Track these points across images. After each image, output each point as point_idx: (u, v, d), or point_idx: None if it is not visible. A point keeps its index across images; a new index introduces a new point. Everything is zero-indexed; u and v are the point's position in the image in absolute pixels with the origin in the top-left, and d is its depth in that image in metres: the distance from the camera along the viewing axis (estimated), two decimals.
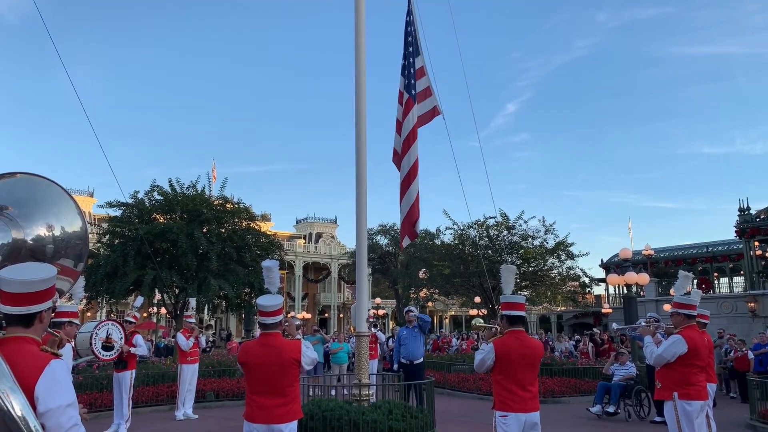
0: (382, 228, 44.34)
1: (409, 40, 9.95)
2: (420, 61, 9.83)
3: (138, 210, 19.08)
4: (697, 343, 5.97)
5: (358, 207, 10.04)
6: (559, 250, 26.04)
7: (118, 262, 17.58)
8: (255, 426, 4.88)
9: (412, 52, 9.84)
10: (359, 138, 10.06)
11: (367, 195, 10.10)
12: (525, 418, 5.05)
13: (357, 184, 10.07)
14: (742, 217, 31.92)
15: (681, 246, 42.30)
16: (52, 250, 3.15)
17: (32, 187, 3.28)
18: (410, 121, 9.67)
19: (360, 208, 10.00)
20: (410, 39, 9.93)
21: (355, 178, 10.09)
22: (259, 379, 4.93)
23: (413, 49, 9.87)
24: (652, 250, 36.05)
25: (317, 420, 8.51)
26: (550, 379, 15.03)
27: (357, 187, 10.07)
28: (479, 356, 5.29)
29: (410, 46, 9.93)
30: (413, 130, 9.59)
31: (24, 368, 2.43)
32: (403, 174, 9.74)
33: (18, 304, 2.58)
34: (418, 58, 9.87)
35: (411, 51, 9.85)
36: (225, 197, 20.38)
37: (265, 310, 5.01)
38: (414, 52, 9.86)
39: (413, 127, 9.60)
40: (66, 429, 2.42)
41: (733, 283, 40.98)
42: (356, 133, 10.11)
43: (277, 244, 22.44)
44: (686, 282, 6.49)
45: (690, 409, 5.89)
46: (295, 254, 54.96)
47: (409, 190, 9.66)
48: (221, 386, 14.13)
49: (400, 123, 9.80)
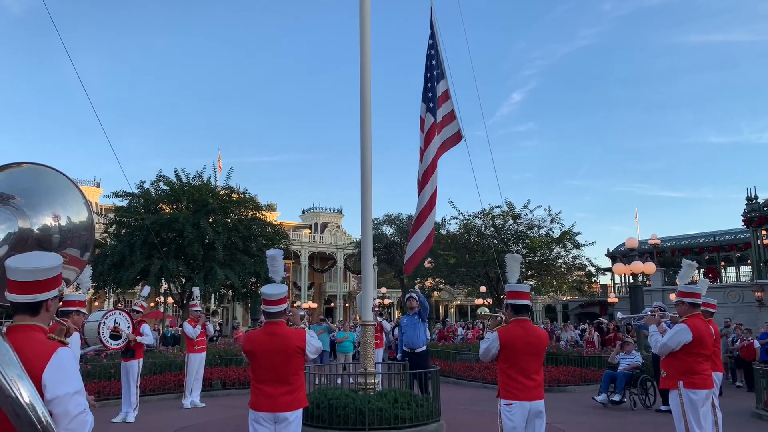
0: (388, 218, 44.37)
1: (433, 64, 9.62)
2: (444, 84, 9.46)
3: (144, 200, 19.14)
4: (702, 332, 5.96)
5: (363, 197, 10.04)
6: (565, 240, 25.98)
7: (125, 251, 17.66)
8: (260, 414, 4.92)
9: (435, 76, 9.49)
10: (364, 128, 10.04)
11: (373, 185, 10.10)
12: (530, 407, 5.07)
13: (362, 174, 10.06)
14: (749, 206, 31.72)
15: (688, 235, 42.10)
16: (59, 239, 3.17)
17: (38, 176, 3.29)
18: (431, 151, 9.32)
19: (365, 198, 10.00)
20: (433, 62, 9.58)
21: (361, 168, 10.07)
22: (264, 368, 4.96)
23: (437, 73, 9.51)
24: (658, 240, 35.93)
25: (323, 408, 8.57)
26: (555, 368, 15.05)
27: (362, 177, 10.06)
28: (484, 345, 5.30)
29: (433, 70, 9.60)
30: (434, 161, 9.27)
31: (31, 356, 2.45)
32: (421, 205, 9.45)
33: (24, 292, 2.60)
34: (442, 82, 9.49)
35: (434, 75, 9.51)
36: (231, 187, 20.41)
37: (269, 298, 5.04)
38: (438, 76, 9.51)
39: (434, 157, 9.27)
40: (73, 416, 2.45)
41: (740, 273, 40.79)
42: (361, 124, 10.08)
43: (283, 234, 22.48)
44: (690, 271, 6.46)
45: (695, 398, 5.89)
46: (301, 244, 55.09)
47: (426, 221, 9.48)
48: (228, 375, 14.23)
49: (422, 151, 9.55)
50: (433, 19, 9.79)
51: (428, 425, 8.85)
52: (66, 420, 2.43)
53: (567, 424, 9.74)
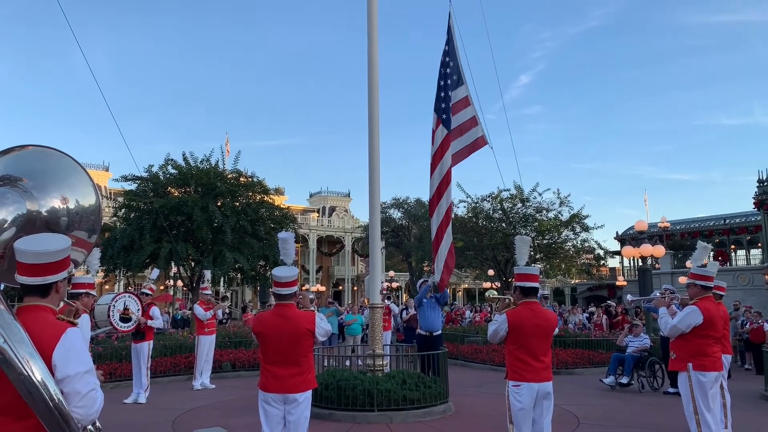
0: (396, 201, 44.35)
1: (447, 72, 9.33)
2: (464, 90, 9.17)
3: (153, 183, 19.19)
4: (713, 314, 5.94)
5: (371, 180, 10.02)
6: (574, 223, 25.89)
7: (134, 235, 17.75)
8: (270, 395, 4.95)
9: (449, 84, 9.20)
10: (372, 111, 9.99)
11: (380, 168, 10.08)
12: (538, 388, 5.08)
13: (370, 158, 10.03)
14: (761, 188, 31.42)
15: (697, 218, 41.83)
16: (66, 222, 3.17)
17: (44, 158, 3.28)
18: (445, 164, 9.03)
19: (373, 182, 9.98)
20: (448, 70, 9.30)
21: (368, 152, 10.04)
22: (274, 350, 4.99)
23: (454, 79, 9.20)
24: (668, 223, 35.72)
25: (332, 389, 8.64)
26: (563, 351, 15.07)
27: (370, 161, 10.04)
28: (492, 327, 5.31)
29: (448, 78, 9.33)
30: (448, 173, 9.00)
31: (41, 336, 2.47)
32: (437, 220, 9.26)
33: (34, 274, 2.62)
34: (461, 89, 9.19)
35: (448, 83, 9.22)
36: (239, 171, 20.41)
37: (279, 280, 5.04)
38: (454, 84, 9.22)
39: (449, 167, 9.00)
40: (83, 394, 2.48)
41: (751, 256, 40.55)
42: (369, 107, 10.03)
43: (291, 218, 22.51)
44: (704, 253, 6.43)
45: (704, 380, 5.88)
46: (309, 228, 55.22)
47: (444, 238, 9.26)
48: (238, 357, 14.35)
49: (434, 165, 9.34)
50: (451, 26, 9.44)
51: (436, 406, 8.91)
52: (76, 398, 2.46)
53: (575, 406, 9.77)
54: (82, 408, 2.47)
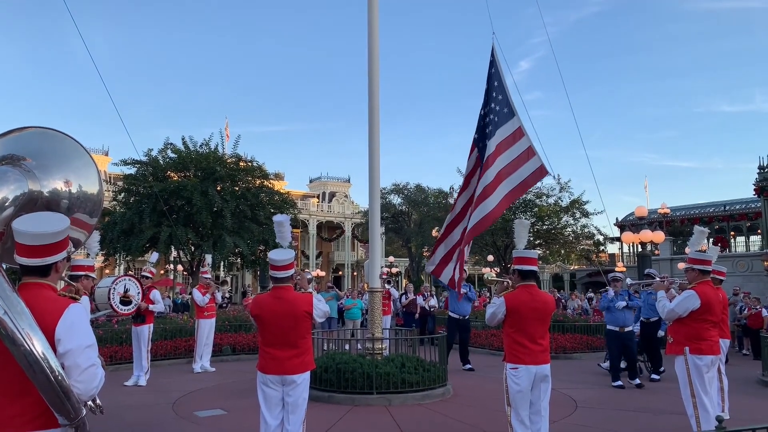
0: (396, 187, 44.16)
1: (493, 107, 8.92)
2: (516, 122, 8.62)
3: (152, 168, 19.17)
4: (711, 298, 5.95)
5: (371, 166, 10.01)
6: (574, 209, 25.89)
7: (134, 219, 17.77)
8: (269, 377, 4.98)
9: (497, 120, 8.75)
10: (372, 97, 9.96)
11: (380, 154, 10.06)
12: (536, 371, 5.11)
13: (370, 144, 10.02)
14: (761, 174, 31.36)
15: (697, 204, 41.76)
16: (67, 204, 3.17)
17: (46, 139, 3.27)
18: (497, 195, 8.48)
19: (373, 168, 9.98)
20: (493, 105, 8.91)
21: (368, 138, 10.03)
22: (272, 332, 5.00)
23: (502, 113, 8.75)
24: (668, 209, 35.74)
25: (331, 372, 8.69)
26: (562, 336, 15.14)
27: (370, 147, 10.02)
28: (490, 309, 5.33)
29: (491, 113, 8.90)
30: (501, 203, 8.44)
31: (44, 312, 2.49)
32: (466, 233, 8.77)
33: (34, 255, 2.62)
34: (513, 120, 8.65)
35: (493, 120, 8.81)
36: (238, 155, 20.38)
37: (276, 264, 5.04)
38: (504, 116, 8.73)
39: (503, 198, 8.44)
40: (84, 368, 2.50)
41: (750, 242, 40.58)
42: (369, 93, 10.00)
43: (291, 203, 22.53)
44: (701, 237, 6.43)
45: (701, 363, 5.91)
46: (309, 213, 55.21)
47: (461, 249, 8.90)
48: (238, 340, 14.43)
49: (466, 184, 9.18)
50: (496, 58, 9.04)
51: (435, 389, 8.97)
52: (77, 372, 2.48)
53: (573, 389, 9.84)
54: (82, 383, 2.48)
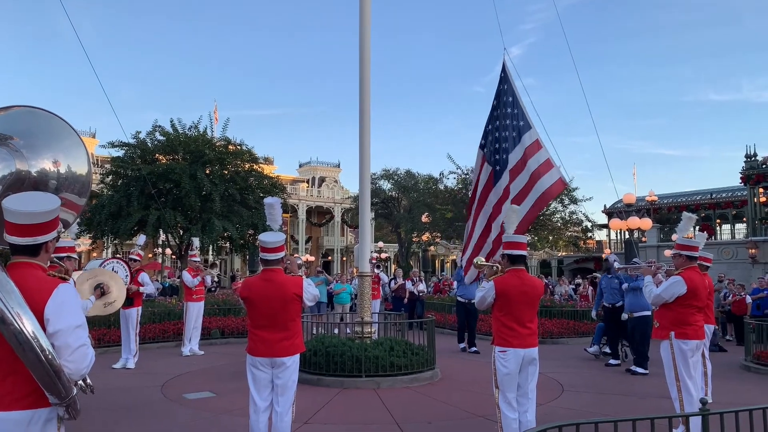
0: (386, 173, 44.14)
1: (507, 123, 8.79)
2: (533, 134, 8.51)
3: (140, 150, 19.02)
4: (697, 284, 6.02)
5: (361, 151, 10.00)
6: (563, 195, 26.04)
7: (122, 202, 17.65)
8: (258, 359, 4.99)
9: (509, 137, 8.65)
10: (363, 82, 9.92)
11: (371, 139, 10.04)
12: (524, 354, 5.16)
13: (360, 129, 9.99)
14: (748, 163, 31.68)
15: (684, 192, 42.14)
16: (55, 185, 3.14)
17: (34, 119, 3.23)
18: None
19: (363, 153, 9.96)
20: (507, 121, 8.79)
21: (359, 123, 10.00)
22: (262, 314, 5.00)
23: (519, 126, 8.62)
24: (655, 196, 35.99)
25: (320, 355, 8.73)
26: (549, 321, 15.28)
27: (360, 132, 10.00)
28: (480, 293, 5.36)
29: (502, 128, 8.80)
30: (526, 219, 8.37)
31: (33, 291, 2.47)
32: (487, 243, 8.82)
33: (23, 234, 2.60)
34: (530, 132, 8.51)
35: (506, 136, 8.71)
36: (227, 139, 20.25)
37: (266, 246, 5.03)
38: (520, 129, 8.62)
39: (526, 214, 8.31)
40: (74, 348, 2.49)
41: (735, 230, 41.05)
42: (360, 78, 9.96)
43: (281, 187, 22.47)
44: (689, 224, 6.48)
45: (686, 347, 5.99)
46: (299, 198, 55.09)
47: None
48: (227, 324, 14.43)
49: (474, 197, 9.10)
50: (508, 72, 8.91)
51: (423, 372, 9.04)
52: (67, 352, 2.47)
53: (559, 373, 9.95)
54: (72, 363, 2.47)
